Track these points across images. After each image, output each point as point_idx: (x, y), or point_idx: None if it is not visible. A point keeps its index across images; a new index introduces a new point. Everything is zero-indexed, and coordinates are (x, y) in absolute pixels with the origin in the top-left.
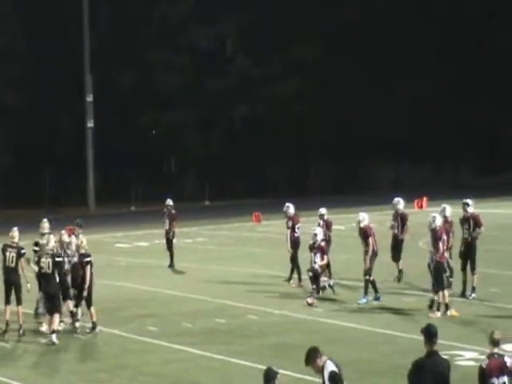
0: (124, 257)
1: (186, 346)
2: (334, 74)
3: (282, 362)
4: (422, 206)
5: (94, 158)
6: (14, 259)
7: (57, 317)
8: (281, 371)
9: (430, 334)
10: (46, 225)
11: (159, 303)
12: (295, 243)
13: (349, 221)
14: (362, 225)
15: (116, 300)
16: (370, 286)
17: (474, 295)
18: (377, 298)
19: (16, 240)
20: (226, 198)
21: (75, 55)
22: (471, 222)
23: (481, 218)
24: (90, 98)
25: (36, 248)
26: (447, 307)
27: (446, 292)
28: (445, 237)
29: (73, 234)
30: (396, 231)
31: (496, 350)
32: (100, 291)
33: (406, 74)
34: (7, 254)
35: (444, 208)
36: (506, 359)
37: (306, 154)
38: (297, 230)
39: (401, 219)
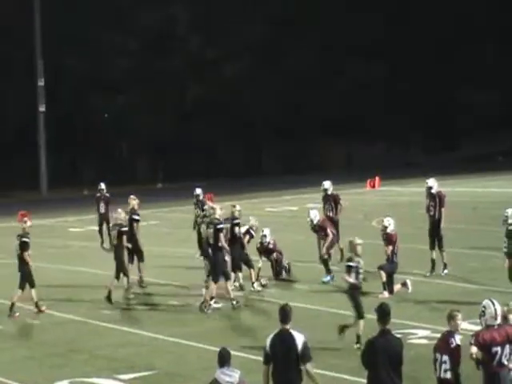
0: (77, 241)
1: (140, 330)
2: (281, 54)
3: (236, 343)
4: (374, 186)
5: (46, 142)
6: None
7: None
8: (234, 353)
9: (383, 312)
10: None
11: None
12: None
13: (301, 201)
14: (315, 222)
15: (70, 284)
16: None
17: (446, 271)
18: (331, 278)
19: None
20: (178, 180)
21: (23, 39)
22: (437, 200)
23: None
24: (41, 83)
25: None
26: (385, 287)
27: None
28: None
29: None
30: (330, 213)
31: (449, 328)
32: (53, 276)
33: (353, 53)
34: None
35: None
36: (452, 340)
37: (256, 135)
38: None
39: (333, 201)
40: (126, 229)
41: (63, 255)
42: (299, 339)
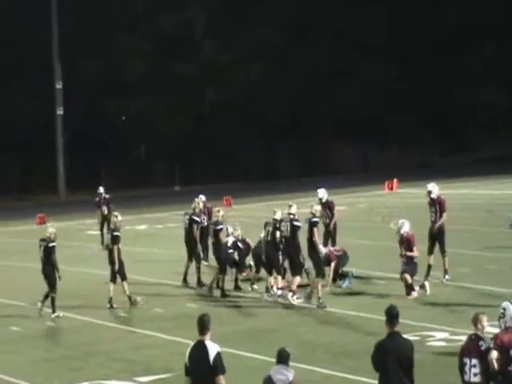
0: (96, 244)
1: (158, 332)
2: (295, 56)
3: (255, 346)
4: (392, 188)
5: (64, 145)
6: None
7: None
8: (253, 355)
9: (390, 315)
10: None
11: (130, 289)
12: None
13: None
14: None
15: (88, 287)
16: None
17: (447, 277)
18: (349, 281)
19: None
20: (195, 182)
21: (40, 42)
22: (437, 206)
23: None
24: (59, 85)
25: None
26: (412, 288)
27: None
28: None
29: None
30: (327, 220)
31: (476, 332)
32: (71, 278)
33: (362, 55)
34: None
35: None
36: (481, 342)
37: (272, 137)
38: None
39: (328, 208)
40: (221, 226)
41: (81, 258)
42: (212, 351)
